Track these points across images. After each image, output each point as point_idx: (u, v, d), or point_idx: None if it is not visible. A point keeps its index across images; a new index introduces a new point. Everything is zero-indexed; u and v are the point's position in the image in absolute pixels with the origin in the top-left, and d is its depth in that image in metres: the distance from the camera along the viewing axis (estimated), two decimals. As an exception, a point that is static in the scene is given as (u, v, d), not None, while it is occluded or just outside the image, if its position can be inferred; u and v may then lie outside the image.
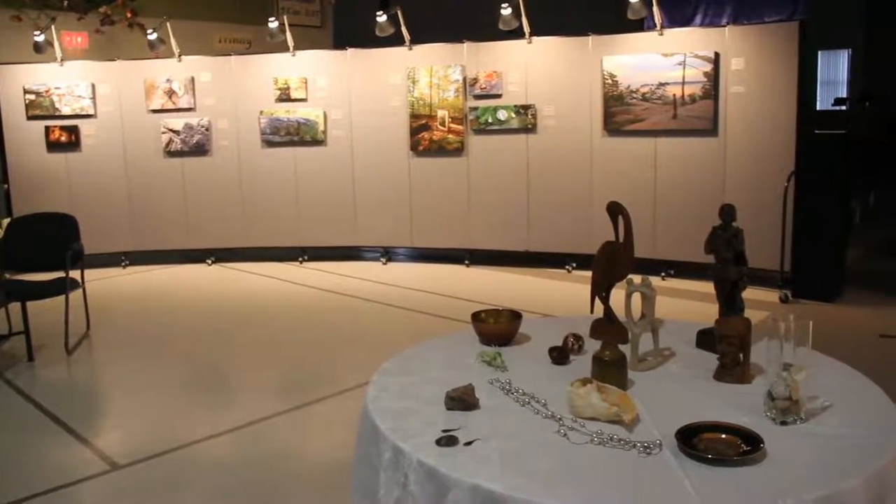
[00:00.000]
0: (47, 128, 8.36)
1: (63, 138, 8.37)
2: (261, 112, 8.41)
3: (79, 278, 5.85)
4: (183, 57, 8.47)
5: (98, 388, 5.26)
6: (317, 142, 8.40)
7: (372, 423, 2.11)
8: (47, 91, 8.34)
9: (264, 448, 4.10)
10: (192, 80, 8.41)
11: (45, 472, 3.82)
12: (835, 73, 15.57)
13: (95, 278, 7.52)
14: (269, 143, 8.46)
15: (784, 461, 1.82)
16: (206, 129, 8.45)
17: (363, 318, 6.63)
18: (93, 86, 8.39)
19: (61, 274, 5.64)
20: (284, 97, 8.38)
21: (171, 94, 8.40)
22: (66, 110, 8.36)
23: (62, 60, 8.43)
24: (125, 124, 8.46)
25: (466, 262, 8.31)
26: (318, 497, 3.59)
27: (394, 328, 6.26)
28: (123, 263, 8.60)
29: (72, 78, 8.38)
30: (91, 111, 8.39)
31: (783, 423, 2.00)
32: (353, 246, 8.72)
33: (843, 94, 15.05)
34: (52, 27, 8.53)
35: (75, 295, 5.77)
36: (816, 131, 6.59)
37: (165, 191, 8.54)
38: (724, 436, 1.91)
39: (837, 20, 13.17)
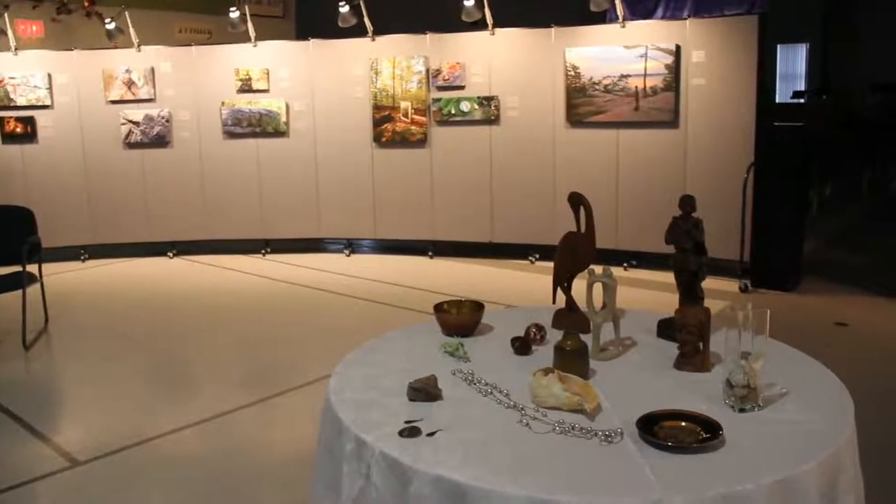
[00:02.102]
0: (2, 119, 8.20)
1: (18, 129, 8.22)
2: (222, 103, 8.33)
3: (36, 272, 5.76)
4: (142, 47, 8.35)
5: (57, 384, 5.19)
6: (279, 133, 8.34)
7: (334, 414, 2.10)
8: (1, 81, 8.17)
9: (228, 441, 4.07)
10: (152, 70, 8.30)
11: (3, 469, 3.76)
12: (793, 66, 15.78)
13: (54, 272, 7.41)
14: (231, 135, 8.38)
15: (742, 447, 1.84)
16: (167, 121, 8.35)
17: (327, 310, 6.61)
18: (49, 76, 8.24)
19: (18, 268, 5.54)
20: (246, 88, 8.31)
21: (130, 84, 8.28)
22: (21, 101, 8.20)
23: (17, 49, 8.28)
24: (83, 115, 8.33)
25: (430, 253, 8.31)
26: (281, 490, 3.57)
27: (357, 320, 6.25)
28: (82, 257, 8.47)
29: (27, 67, 8.23)
30: (48, 102, 8.25)
31: (741, 410, 2.03)
32: (317, 238, 8.68)
33: (801, 87, 15.25)
34: (6, 15, 8.37)
35: (33, 289, 5.68)
36: (775, 123, 6.69)
37: (125, 183, 8.43)
38: (683, 423, 1.93)
39: (796, 15, 13.34)
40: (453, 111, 7.92)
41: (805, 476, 1.75)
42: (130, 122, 8.30)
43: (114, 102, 8.32)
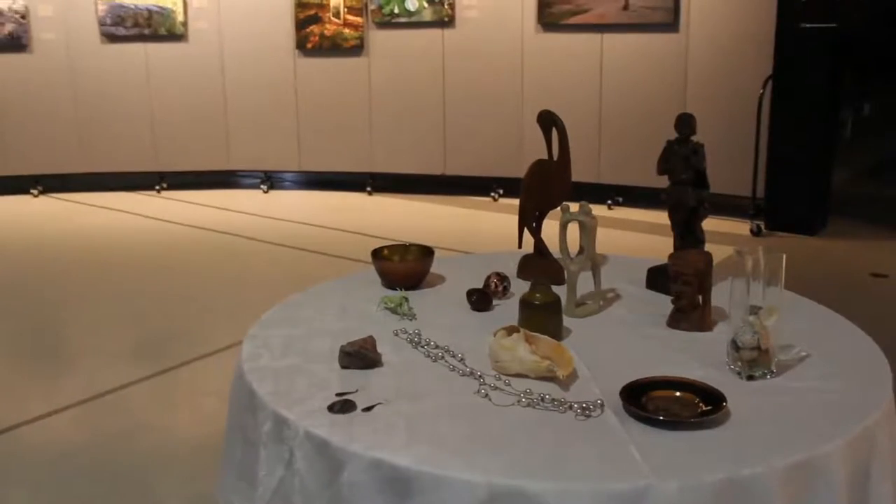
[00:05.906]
0: None
1: None
2: (99, -3, 8.19)
3: None
4: (-8, -78, 8.14)
5: None
6: (175, 36, 8.23)
7: (248, 387, 2.11)
8: None
9: (114, 426, 4.08)
10: (4, -49, 8.11)
11: None
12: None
13: None
14: (112, 38, 8.23)
15: (751, 422, 1.87)
16: (22, 17, 8.15)
17: (240, 259, 6.62)
18: None
19: None
20: (130, -23, 8.17)
21: (-30, -33, 8.07)
22: None
23: None
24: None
25: (368, 188, 8.33)
26: (181, 482, 3.59)
27: (278, 272, 6.25)
28: (-80, 195, 8.35)
29: None
30: None
31: (750, 377, 2.06)
32: (226, 170, 8.63)
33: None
34: None
35: None
36: (802, 25, 6.70)
37: (-28, 99, 8.27)
38: (678, 393, 1.96)
39: None
40: (396, 10, 7.85)
41: (828, 458, 1.76)
42: (-23, 20, 8.11)
43: (-51, -8, 8.11)
